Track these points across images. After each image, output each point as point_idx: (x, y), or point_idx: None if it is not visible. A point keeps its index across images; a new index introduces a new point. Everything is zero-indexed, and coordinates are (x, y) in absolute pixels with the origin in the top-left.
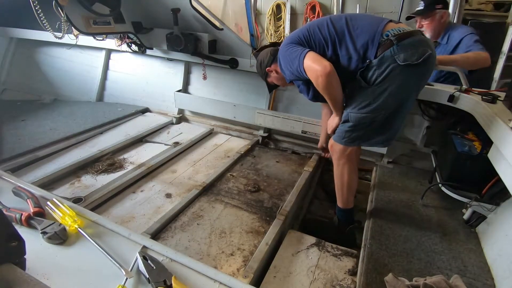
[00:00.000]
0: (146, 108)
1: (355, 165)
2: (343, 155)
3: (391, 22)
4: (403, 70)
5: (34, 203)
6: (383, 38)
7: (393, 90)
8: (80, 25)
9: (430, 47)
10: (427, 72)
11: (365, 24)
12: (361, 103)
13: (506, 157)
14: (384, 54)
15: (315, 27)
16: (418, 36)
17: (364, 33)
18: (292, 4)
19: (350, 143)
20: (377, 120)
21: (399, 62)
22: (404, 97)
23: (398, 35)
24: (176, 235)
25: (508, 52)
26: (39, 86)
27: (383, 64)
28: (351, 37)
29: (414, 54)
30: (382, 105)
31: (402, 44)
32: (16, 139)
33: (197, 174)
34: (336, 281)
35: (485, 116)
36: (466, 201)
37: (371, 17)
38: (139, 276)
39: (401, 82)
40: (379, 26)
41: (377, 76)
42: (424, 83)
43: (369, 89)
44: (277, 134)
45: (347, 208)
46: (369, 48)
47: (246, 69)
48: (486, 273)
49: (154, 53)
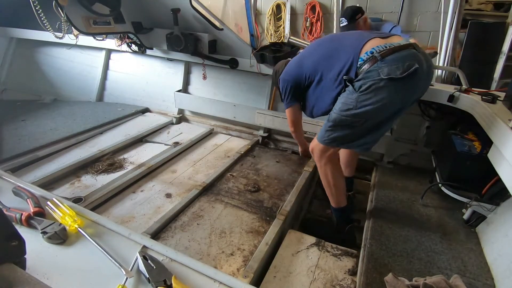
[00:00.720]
0: (146, 108)
1: (337, 165)
2: (323, 156)
3: (375, 38)
4: (386, 84)
5: (34, 203)
6: (368, 56)
7: (375, 102)
8: (80, 25)
9: (419, 61)
10: (413, 87)
11: (348, 48)
12: (344, 106)
13: (506, 157)
14: (370, 69)
15: (304, 62)
16: (406, 51)
17: (346, 57)
18: (292, 4)
19: (329, 143)
20: (357, 125)
21: (382, 75)
22: (386, 109)
23: (382, 52)
24: (176, 235)
25: (508, 52)
26: (39, 86)
27: (369, 78)
28: (334, 64)
29: (399, 68)
30: (363, 114)
31: (387, 60)
32: (16, 139)
33: (197, 174)
34: (336, 281)
35: (485, 116)
36: (466, 201)
37: (354, 37)
38: (139, 276)
39: (383, 96)
40: (358, 47)
41: (362, 85)
42: (413, 96)
43: (354, 95)
44: (277, 134)
45: (340, 207)
46: (350, 70)
47: (246, 69)
48: (486, 273)
49: (154, 53)
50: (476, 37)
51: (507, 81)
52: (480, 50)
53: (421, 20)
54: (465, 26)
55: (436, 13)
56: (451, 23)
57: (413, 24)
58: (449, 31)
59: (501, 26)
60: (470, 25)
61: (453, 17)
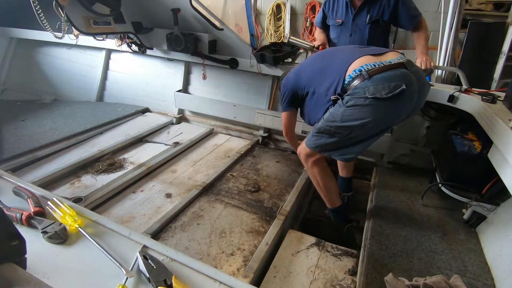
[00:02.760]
0: (146, 108)
1: (324, 166)
2: (309, 159)
3: (366, 56)
4: (371, 103)
5: (35, 202)
6: (356, 73)
7: (359, 118)
8: (80, 25)
9: (408, 81)
10: (398, 107)
11: (337, 65)
12: (331, 117)
13: (506, 157)
14: (357, 86)
15: (300, 75)
16: (395, 70)
17: (334, 74)
18: (292, 4)
19: (313, 148)
20: (340, 137)
21: (367, 94)
22: (370, 126)
23: (370, 70)
24: (176, 235)
25: (508, 52)
26: (39, 86)
27: (355, 94)
28: (324, 79)
29: (385, 88)
30: (346, 128)
31: (374, 79)
32: (16, 139)
33: (197, 174)
34: (336, 281)
35: (485, 116)
36: (466, 201)
37: (345, 53)
38: (140, 276)
39: (367, 114)
40: (346, 65)
41: (349, 101)
42: (399, 117)
43: (341, 109)
44: (277, 134)
45: (335, 207)
46: (337, 87)
47: (246, 69)
48: (486, 273)
49: (154, 53)
50: (476, 37)
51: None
52: (480, 50)
53: None
54: (465, 26)
55: (436, 13)
56: (451, 23)
57: None
58: (449, 31)
59: (501, 26)
60: (470, 25)
61: (453, 17)
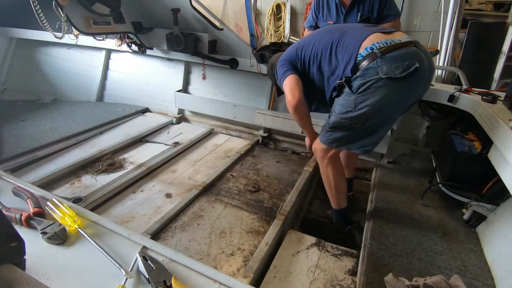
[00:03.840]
0: (146, 108)
1: (339, 167)
2: (325, 156)
3: (376, 33)
4: (385, 83)
5: (34, 203)
6: (367, 52)
7: (374, 102)
8: (80, 25)
9: (419, 60)
10: (413, 86)
11: (348, 42)
12: (343, 109)
13: (506, 157)
14: (368, 66)
15: (303, 47)
16: (407, 48)
17: (345, 52)
18: (292, 4)
19: (330, 144)
20: (356, 127)
21: (381, 74)
22: (385, 109)
23: (383, 48)
24: (176, 235)
25: (508, 52)
26: (39, 86)
27: (366, 75)
28: (334, 56)
29: (399, 67)
30: (361, 115)
31: (387, 57)
32: (16, 139)
33: (197, 174)
34: (336, 281)
35: (485, 116)
36: (466, 201)
37: (355, 32)
38: (139, 276)
39: (382, 95)
40: (357, 44)
41: (360, 85)
42: (411, 96)
43: (352, 97)
44: (277, 134)
45: (340, 209)
46: (347, 66)
47: (246, 69)
48: (486, 273)
49: (154, 53)
50: (476, 37)
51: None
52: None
53: (421, 20)
54: (465, 26)
55: (436, 13)
56: (451, 23)
57: (413, 24)
58: (449, 31)
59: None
60: (470, 25)
61: (453, 17)
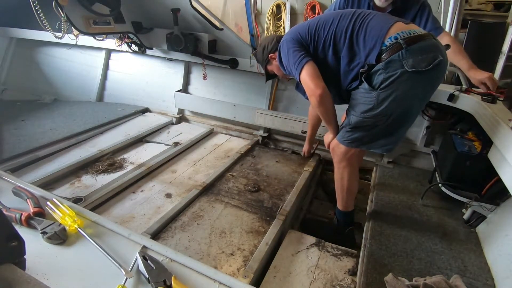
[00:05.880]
0: (146, 108)
1: (356, 169)
2: (344, 158)
3: (399, 22)
4: (411, 77)
5: (34, 203)
6: (391, 41)
7: (398, 97)
8: (80, 25)
9: (441, 53)
10: (436, 80)
11: (372, 27)
12: (364, 107)
13: (506, 157)
14: (392, 58)
15: (318, 26)
16: (429, 40)
17: (368, 37)
18: (292, 4)
19: (350, 144)
20: (379, 125)
21: (407, 68)
22: (410, 104)
23: (407, 38)
24: (176, 235)
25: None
26: (39, 86)
27: (390, 68)
28: (355, 40)
29: (424, 60)
30: (385, 111)
31: (412, 49)
32: (16, 139)
33: (197, 174)
34: (336, 281)
35: (485, 116)
36: (466, 201)
37: (378, 18)
38: (139, 276)
39: (407, 89)
40: (383, 30)
41: (383, 80)
42: (432, 91)
43: (373, 93)
44: (277, 134)
45: (347, 211)
46: (371, 53)
47: (246, 69)
48: (486, 273)
49: (154, 53)
50: (476, 37)
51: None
52: (480, 50)
53: None
54: (465, 26)
55: (436, 13)
56: (451, 23)
57: None
58: (449, 31)
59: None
60: (470, 25)
61: (453, 17)
